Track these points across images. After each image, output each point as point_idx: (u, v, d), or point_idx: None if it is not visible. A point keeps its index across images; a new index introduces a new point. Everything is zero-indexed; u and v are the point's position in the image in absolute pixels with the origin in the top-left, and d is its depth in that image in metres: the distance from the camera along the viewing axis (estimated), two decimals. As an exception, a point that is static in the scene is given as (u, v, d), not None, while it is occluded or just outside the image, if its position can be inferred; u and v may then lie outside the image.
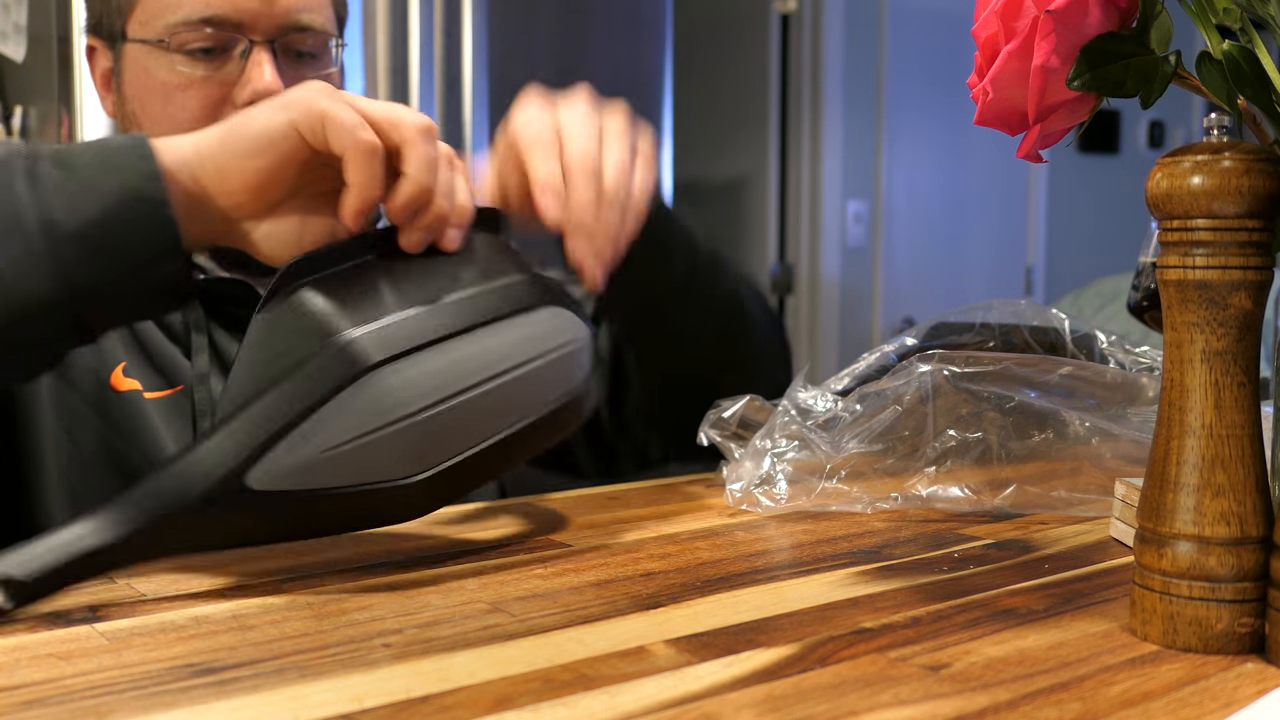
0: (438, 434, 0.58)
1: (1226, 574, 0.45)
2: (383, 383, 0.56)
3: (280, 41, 0.87)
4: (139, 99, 0.89)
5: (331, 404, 0.55)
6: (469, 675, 0.43)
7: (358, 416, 0.55)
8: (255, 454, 0.54)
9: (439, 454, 0.59)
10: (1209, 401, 0.45)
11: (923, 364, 0.74)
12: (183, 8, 0.85)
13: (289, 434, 0.54)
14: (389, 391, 0.56)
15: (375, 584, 0.56)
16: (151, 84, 0.87)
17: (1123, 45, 0.47)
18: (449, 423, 0.58)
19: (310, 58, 0.90)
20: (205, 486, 0.54)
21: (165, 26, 0.86)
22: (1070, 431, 0.75)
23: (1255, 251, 0.44)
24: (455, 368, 0.58)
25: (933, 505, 0.73)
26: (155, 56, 0.87)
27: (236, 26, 0.85)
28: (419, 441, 0.57)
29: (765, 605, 0.52)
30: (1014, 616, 0.50)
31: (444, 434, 0.58)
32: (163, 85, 0.87)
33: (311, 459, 0.55)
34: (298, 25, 0.87)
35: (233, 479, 0.54)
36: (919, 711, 0.40)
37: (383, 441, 0.56)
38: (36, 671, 0.43)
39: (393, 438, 0.56)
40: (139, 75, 0.88)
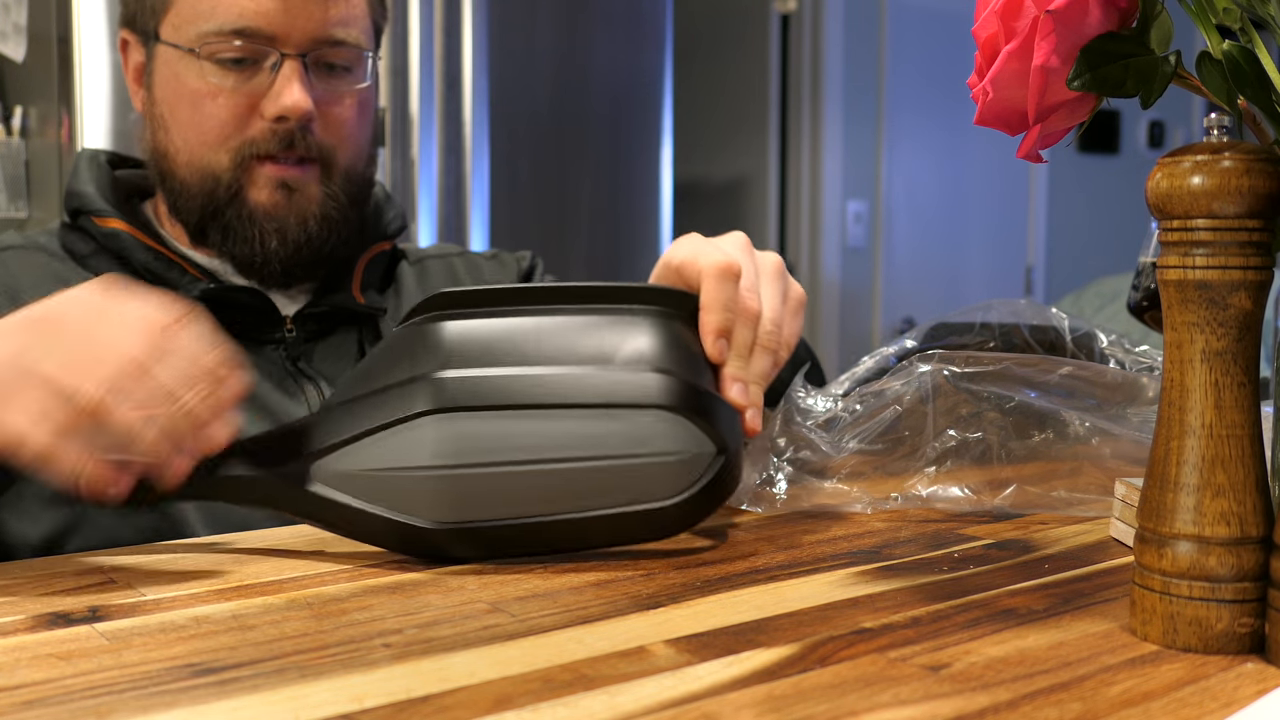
0: (466, 494, 0.58)
1: (1226, 574, 0.45)
2: (432, 428, 0.58)
3: (312, 55, 0.86)
4: (168, 103, 0.89)
5: (386, 432, 0.58)
6: (469, 675, 0.43)
7: (400, 452, 0.58)
8: (319, 453, 0.60)
9: (461, 512, 0.59)
10: (1209, 401, 0.45)
11: (923, 364, 0.74)
12: (216, 16, 0.85)
13: (346, 446, 0.59)
14: (434, 438, 0.58)
15: (375, 584, 0.56)
16: (181, 89, 0.87)
17: (1123, 45, 0.47)
18: (479, 489, 0.58)
19: (344, 71, 0.89)
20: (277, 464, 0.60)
21: (197, 34, 0.86)
22: (1070, 431, 0.75)
23: (1255, 251, 0.44)
24: (513, 438, 0.58)
25: (933, 505, 0.73)
26: (186, 62, 0.86)
27: (269, 39, 0.85)
28: (444, 493, 0.58)
29: (765, 605, 0.52)
30: (1014, 616, 0.50)
31: (473, 497, 0.59)
32: (192, 92, 0.86)
33: (353, 472, 0.59)
34: (331, 39, 0.87)
35: (303, 464, 0.60)
36: (919, 711, 0.40)
37: (411, 481, 0.58)
38: (36, 671, 0.43)
39: (420, 481, 0.58)
40: (169, 79, 0.88)
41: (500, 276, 1.07)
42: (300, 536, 0.66)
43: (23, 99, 1.98)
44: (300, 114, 0.86)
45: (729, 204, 3.51)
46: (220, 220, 0.88)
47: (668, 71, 2.39)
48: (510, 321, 0.61)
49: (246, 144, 0.87)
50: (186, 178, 0.89)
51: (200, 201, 0.88)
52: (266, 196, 0.88)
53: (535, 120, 2.20)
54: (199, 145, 0.87)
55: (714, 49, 3.54)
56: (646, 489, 0.60)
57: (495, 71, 2.11)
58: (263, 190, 0.88)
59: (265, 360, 0.89)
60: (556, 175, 2.25)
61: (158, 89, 0.89)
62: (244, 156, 0.87)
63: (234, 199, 0.88)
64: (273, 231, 0.88)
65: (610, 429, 0.59)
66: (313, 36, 0.86)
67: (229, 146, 0.87)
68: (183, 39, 0.87)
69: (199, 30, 0.85)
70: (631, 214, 2.36)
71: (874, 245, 3.54)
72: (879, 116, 3.50)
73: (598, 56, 2.28)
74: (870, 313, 3.55)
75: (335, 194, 0.90)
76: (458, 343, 0.60)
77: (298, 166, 0.88)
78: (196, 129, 0.87)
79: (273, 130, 0.86)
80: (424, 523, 0.59)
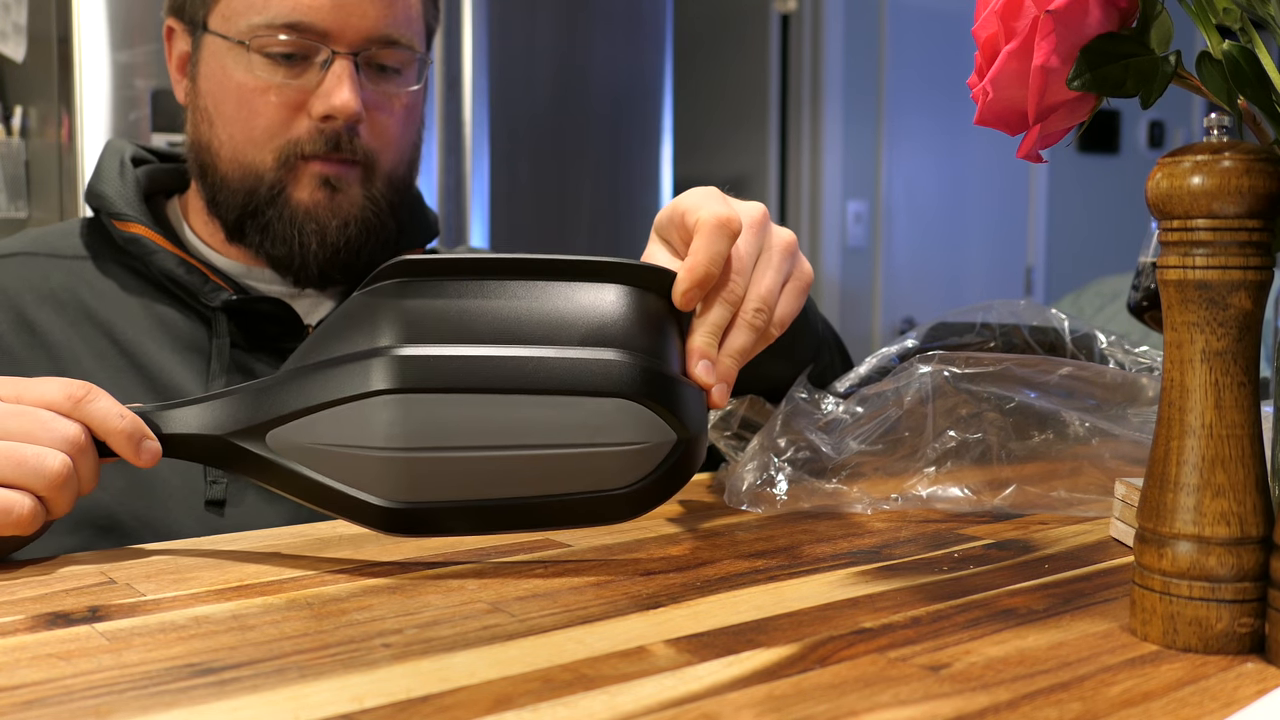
0: (421, 476, 0.58)
1: (1226, 574, 0.45)
2: (388, 409, 0.57)
3: (364, 54, 0.85)
4: (213, 95, 0.87)
5: (342, 407, 0.57)
6: (469, 675, 0.43)
7: (355, 428, 0.57)
8: (275, 421, 0.59)
9: (415, 493, 0.58)
10: (1209, 401, 0.45)
11: (923, 365, 0.74)
12: (269, 9, 0.83)
13: (302, 417, 0.58)
14: (389, 420, 0.57)
15: (375, 584, 0.56)
16: (227, 82, 0.86)
17: (1123, 45, 0.47)
18: (435, 471, 0.58)
19: (394, 73, 0.88)
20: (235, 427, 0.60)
21: (248, 26, 0.84)
22: (1070, 432, 0.75)
23: (1255, 251, 0.44)
24: (469, 422, 0.57)
25: (933, 506, 0.73)
26: (235, 55, 0.85)
27: (321, 35, 0.83)
28: (399, 474, 0.58)
29: (765, 605, 0.52)
30: (1014, 616, 0.50)
31: (429, 479, 0.58)
32: (239, 86, 0.85)
33: (309, 445, 0.58)
34: (385, 38, 0.85)
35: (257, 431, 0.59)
36: (919, 711, 0.40)
37: (366, 460, 0.58)
38: (36, 671, 0.43)
39: (375, 461, 0.57)
40: (216, 71, 0.86)
41: None
42: (300, 536, 0.66)
43: (23, 99, 1.98)
44: (349, 115, 0.84)
45: (729, 204, 3.51)
46: (260, 219, 0.87)
47: (668, 71, 2.39)
48: (472, 295, 0.59)
49: (291, 143, 0.85)
50: (228, 173, 0.87)
51: (241, 199, 0.87)
52: (309, 195, 0.86)
53: (535, 120, 2.20)
54: (244, 141, 0.86)
55: (714, 49, 3.54)
56: (605, 476, 0.59)
57: (495, 71, 2.11)
58: (305, 188, 0.86)
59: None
60: (556, 175, 2.25)
61: (203, 80, 0.88)
62: (288, 155, 0.86)
63: (276, 198, 0.86)
64: (312, 233, 0.87)
65: (568, 416, 0.57)
66: (366, 35, 0.84)
67: (274, 144, 0.86)
68: (232, 30, 0.85)
69: (250, 23, 0.84)
70: (631, 214, 2.36)
71: (874, 245, 3.54)
72: (879, 116, 3.50)
73: (598, 56, 2.28)
74: (870, 313, 3.55)
75: (376, 198, 0.89)
76: (417, 316, 0.58)
77: (342, 165, 0.87)
78: (242, 124, 0.86)
79: (319, 130, 0.85)
80: (378, 500, 0.58)
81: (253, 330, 0.87)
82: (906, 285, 3.59)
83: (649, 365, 0.58)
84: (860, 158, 3.48)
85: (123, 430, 0.59)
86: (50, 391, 0.59)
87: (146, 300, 0.87)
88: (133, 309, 0.86)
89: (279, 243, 0.87)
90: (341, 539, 0.65)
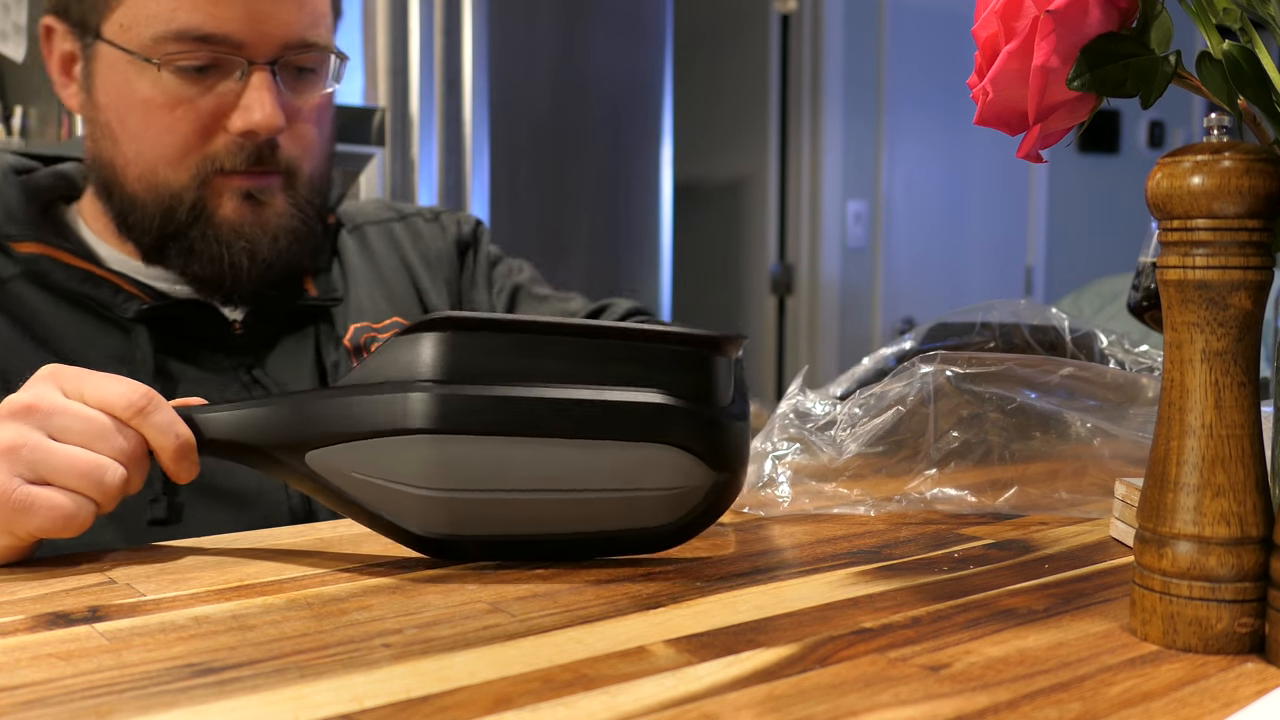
0: (457, 514, 0.58)
1: (1226, 574, 0.45)
2: (425, 449, 0.57)
3: (281, 61, 0.80)
4: (115, 110, 0.81)
5: (380, 440, 0.58)
6: (469, 675, 0.43)
7: (392, 464, 0.58)
8: (313, 443, 0.59)
9: (452, 528, 0.59)
10: (1209, 401, 0.45)
11: (924, 365, 0.74)
12: (177, 20, 0.77)
13: (340, 443, 0.58)
14: (426, 460, 0.57)
15: (375, 584, 0.56)
16: (131, 97, 0.79)
17: (1123, 45, 0.47)
18: (471, 511, 0.58)
19: (310, 73, 0.83)
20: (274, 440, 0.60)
21: (153, 37, 0.77)
22: (1071, 432, 0.75)
23: (1255, 251, 0.44)
24: (507, 466, 0.57)
25: (935, 507, 0.73)
26: (138, 68, 0.78)
27: (235, 46, 0.78)
28: (435, 511, 0.58)
29: (765, 605, 0.52)
30: (1014, 616, 0.50)
31: (465, 517, 0.58)
32: (145, 101, 0.79)
33: (347, 472, 0.58)
34: (301, 43, 0.80)
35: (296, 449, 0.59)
36: (919, 711, 0.40)
37: (402, 495, 0.58)
38: (36, 671, 0.43)
39: (411, 498, 0.58)
40: (117, 84, 0.80)
41: (440, 243, 1.00)
42: (300, 536, 0.66)
43: (23, 99, 1.98)
44: (273, 130, 0.80)
45: (729, 204, 3.51)
46: (183, 241, 0.82)
47: (668, 71, 2.39)
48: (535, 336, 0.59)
49: (208, 159, 0.80)
50: (138, 192, 0.81)
51: (158, 220, 0.81)
52: (232, 210, 0.81)
53: (535, 120, 2.20)
54: (155, 160, 0.80)
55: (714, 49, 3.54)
56: (641, 518, 0.59)
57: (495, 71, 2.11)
58: (227, 204, 0.81)
59: (218, 373, 0.84)
60: (556, 175, 2.25)
61: (101, 93, 0.81)
62: (206, 172, 0.80)
63: (198, 218, 0.81)
64: (242, 250, 0.82)
65: (607, 461, 0.57)
66: (282, 42, 0.79)
67: (189, 162, 0.80)
68: (133, 41, 0.78)
69: (155, 33, 0.77)
70: (631, 214, 2.36)
71: (874, 245, 3.54)
72: (879, 116, 3.50)
73: (598, 56, 2.28)
74: (870, 313, 3.55)
75: (301, 204, 0.84)
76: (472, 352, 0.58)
77: (264, 177, 0.82)
78: (152, 142, 0.80)
79: (239, 145, 0.80)
80: (415, 529, 0.59)
81: (176, 334, 0.83)
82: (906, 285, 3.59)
83: (689, 409, 0.58)
84: (860, 158, 3.48)
85: (175, 448, 0.59)
86: (113, 396, 0.59)
87: (64, 315, 0.81)
88: (58, 324, 0.81)
89: (206, 263, 0.82)
90: (341, 539, 0.65)
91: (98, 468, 0.57)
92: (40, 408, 0.58)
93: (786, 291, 3.47)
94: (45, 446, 0.57)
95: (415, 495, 0.57)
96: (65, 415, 0.58)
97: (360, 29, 1.99)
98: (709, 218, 3.51)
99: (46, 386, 0.59)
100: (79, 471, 0.57)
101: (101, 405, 0.58)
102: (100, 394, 0.59)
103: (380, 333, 0.91)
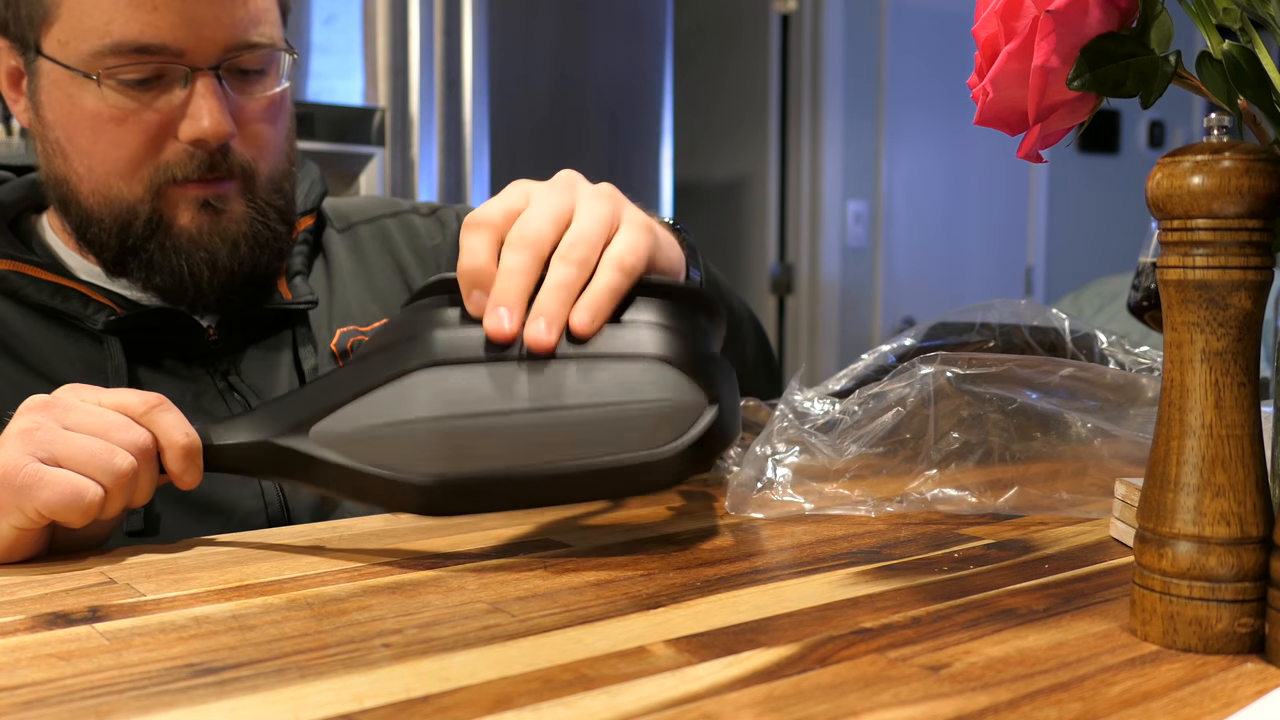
0: (460, 446, 0.59)
1: (1226, 574, 0.45)
2: (426, 380, 0.59)
3: (224, 65, 0.78)
4: (62, 127, 0.79)
5: (380, 390, 0.60)
6: (469, 675, 0.43)
7: (396, 405, 0.59)
8: (318, 415, 0.61)
9: (455, 463, 0.59)
10: (1209, 401, 0.45)
11: (925, 365, 0.74)
12: (112, 33, 0.75)
13: (344, 406, 0.60)
14: (428, 390, 0.59)
15: (375, 584, 0.56)
16: (76, 113, 0.78)
17: (1123, 45, 0.47)
18: (473, 439, 0.59)
19: (258, 74, 0.81)
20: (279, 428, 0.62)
21: (91, 52, 0.76)
22: (1072, 433, 0.75)
23: (1255, 251, 0.44)
24: (504, 388, 0.59)
25: (935, 508, 0.73)
26: (80, 83, 0.77)
27: (175, 54, 0.76)
28: (438, 444, 0.59)
29: (765, 605, 0.52)
30: (1014, 616, 0.50)
31: (467, 447, 0.59)
32: (91, 116, 0.77)
33: (350, 433, 0.60)
34: (243, 44, 0.78)
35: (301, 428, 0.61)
36: (919, 711, 0.40)
37: (405, 437, 0.59)
38: (36, 671, 0.43)
39: (415, 434, 0.59)
40: (61, 101, 0.79)
41: (439, 239, 0.99)
42: (300, 536, 0.66)
43: (23, 99, 1.97)
44: (221, 137, 0.78)
45: (729, 204, 3.51)
46: (143, 254, 0.81)
47: (668, 71, 2.39)
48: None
49: (161, 169, 0.79)
50: (94, 207, 0.80)
51: (116, 235, 0.80)
52: (190, 220, 0.80)
53: (535, 121, 2.20)
54: (106, 174, 0.79)
55: (714, 49, 3.54)
56: (640, 437, 0.60)
57: (495, 71, 2.11)
58: (185, 213, 0.80)
59: (193, 381, 0.83)
60: (556, 175, 2.25)
61: (47, 111, 0.80)
62: (159, 183, 0.79)
63: (156, 230, 0.80)
64: (202, 261, 0.81)
65: (599, 378, 0.59)
66: (223, 45, 0.77)
67: (141, 174, 0.79)
68: (72, 56, 0.77)
69: (93, 48, 0.75)
70: (631, 214, 2.36)
71: (874, 245, 3.54)
72: (879, 116, 3.50)
73: (598, 56, 2.28)
74: (870, 313, 3.55)
75: (261, 207, 0.83)
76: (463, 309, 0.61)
77: (219, 184, 0.80)
78: (101, 157, 0.78)
79: (189, 153, 0.78)
80: (417, 478, 0.59)
81: (149, 343, 0.82)
82: (906, 285, 3.59)
83: (678, 332, 0.61)
84: (860, 158, 3.48)
85: (183, 446, 0.62)
86: (126, 396, 0.62)
87: (36, 328, 0.81)
88: (31, 337, 0.81)
89: (168, 275, 0.81)
90: (341, 539, 0.65)
91: (107, 451, 0.59)
92: (57, 404, 0.61)
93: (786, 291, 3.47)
94: (58, 430, 0.59)
95: (418, 429, 0.59)
96: (80, 410, 0.61)
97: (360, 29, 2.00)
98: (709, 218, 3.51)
99: (64, 392, 0.62)
100: (89, 452, 0.59)
101: (115, 405, 0.61)
102: (115, 396, 0.62)
103: (368, 336, 0.90)
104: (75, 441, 0.59)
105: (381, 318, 0.92)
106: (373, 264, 0.96)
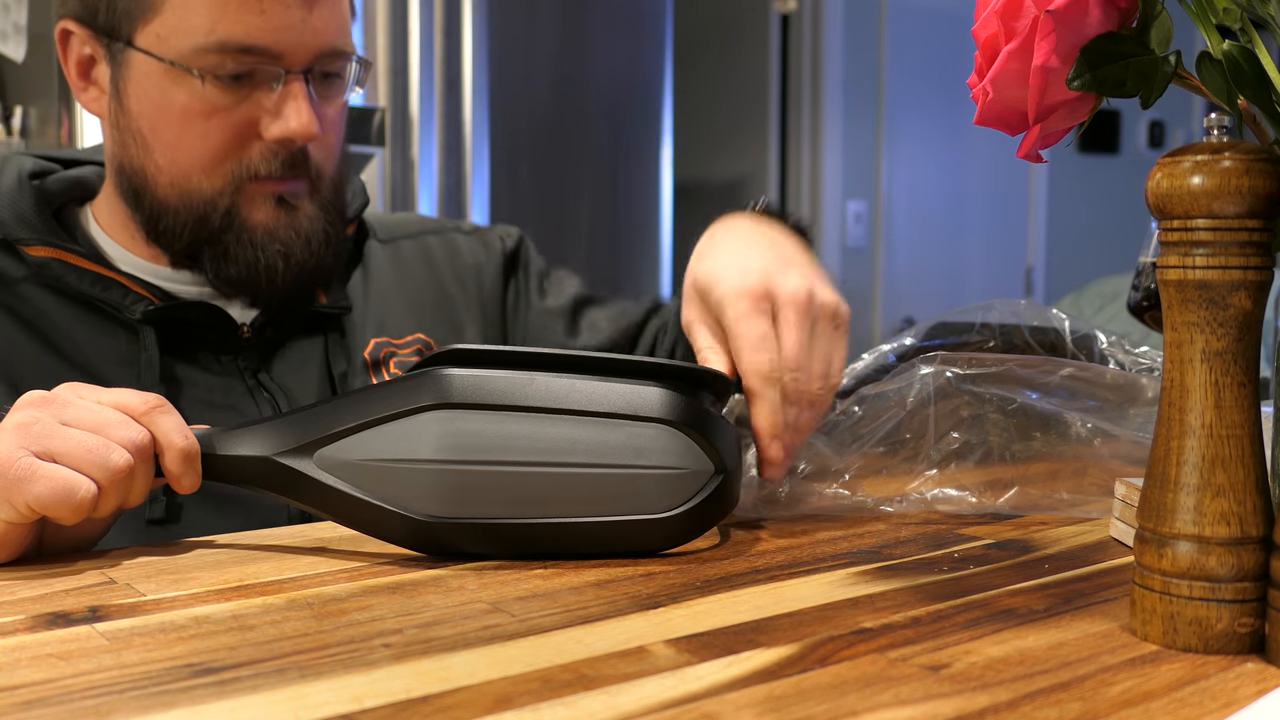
0: (465, 490, 0.59)
1: (1226, 574, 0.45)
2: (437, 422, 0.59)
3: (314, 70, 0.82)
4: (148, 118, 0.82)
5: (390, 424, 0.60)
6: (469, 675, 0.43)
7: (404, 442, 0.59)
8: (325, 439, 0.60)
9: (457, 507, 0.59)
10: (1209, 401, 0.45)
11: (925, 365, 0.74)
12: (217, 32, 0.78)
13: (352, 434, 0.60)
14: (438, 432, 0.59)
15: (375, 584, 0.56)
16: (168, 106, 0.81)
17: (1123, 45, 0.47)
18: (478, 485, 0.59)
19: (336, 79, 0.85)
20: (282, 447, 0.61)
21: (193, 49, 0.79)
22: (1072, 433, 0.75)
23: (1255, 251, 0.44)
24: (514, 439, 0.59)
25: (935, 508, 0.73)
26: (175, 76, 0.80)
27: (274, 57, 0.80)
28: (443, 487, 0.59)
29: (765, 605, 0.52)
30: (1014, 616, 0.50)
31: (472, 493, 0.59)
32: (183, 109, 0.80)
33: (355, 461, 0.60)
34: (334, 51, 0.82)
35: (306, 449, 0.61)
36: (919, 711, 0.40)
37: (410, 474, 0.59)
38: (36, 671, 0.43)
39: (420, 474, 0.59)
40: (151, 94, 0.81)
41: (481, 258, 1.01)
42: (300, 536, 0.66)
43: (23, 99, 1.98)
44: (309, 137, 0.82)
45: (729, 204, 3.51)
46: (217, 245, 0.83)
47: (668, 71, 2.39)
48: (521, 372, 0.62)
49: (242, 165, 0.82)
50: (170, 198, 0.83)
51: (192, 226, 0.83)
52: (265, 215, 0.83)
53: (535, 120, 2.20)
54: (189, 167, 0.82)
55: (714, 49, 3.54)
56: (643, 500, 0.60)
57: (495, 71, 2.11)
58: (260, 209, 0.83)
59: (223, 377, 0.85)
60: (556, 175, 2.25)
61: (134, 102, 0.82)
62: (240, 178, 0.82)
63: (231, 224, 0.83)
64: (277, 254, 0.83)
65: (611, 438, 0.59)
66: (317, 52, 0.81)
67: (224, 169, 0.82)
68: (171, 51, 0.79)
69: (195, 45, 0.79)
70: (631, 214, 2.36)
71: (874, 245, 3.54)
72: (879, 116, 3.50)
73: (598, 56, 2.28)
74: (870, 313, 3.55)
75: (325, 206, 0.86)
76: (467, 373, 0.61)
77: (294, 181, 0.84)
78: (187, 149, 0.81)
79: (273, 151, 0.82)
80: (421, 516, 0.59)
81: (183, 336, 0.84)
82: (906, 285, 3.59)
83: (690, 398, 0.61)
84: (860, 158, 3.48)
85: (181, 448, 0.61)
86: (127, 395, 0.62)
87: (74, 317, 0.82)
88: (67, 326, 0.82)
89: (242, 266, 0.83)
90: (341, 539, 0.65)
91: (103, 446, 0.59)
92: (56, 399, 0.60)
93: (786, 291, 3.47)
94: (55, 425, 0.59)
95: (424, 470, 0.59)
96: (78, 407, 0.60)
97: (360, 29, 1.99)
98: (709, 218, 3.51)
99: (63, 389, 0.62)
100: (85, 448, 0.58)
101: (116, 404, 0.61)
102: (115, 395, 0.62)
103: (401, 348, 0.92)
104: (71, 437, 0.58)
105: (416, 331, 0.94)
106: (413, 278, 0.97)
